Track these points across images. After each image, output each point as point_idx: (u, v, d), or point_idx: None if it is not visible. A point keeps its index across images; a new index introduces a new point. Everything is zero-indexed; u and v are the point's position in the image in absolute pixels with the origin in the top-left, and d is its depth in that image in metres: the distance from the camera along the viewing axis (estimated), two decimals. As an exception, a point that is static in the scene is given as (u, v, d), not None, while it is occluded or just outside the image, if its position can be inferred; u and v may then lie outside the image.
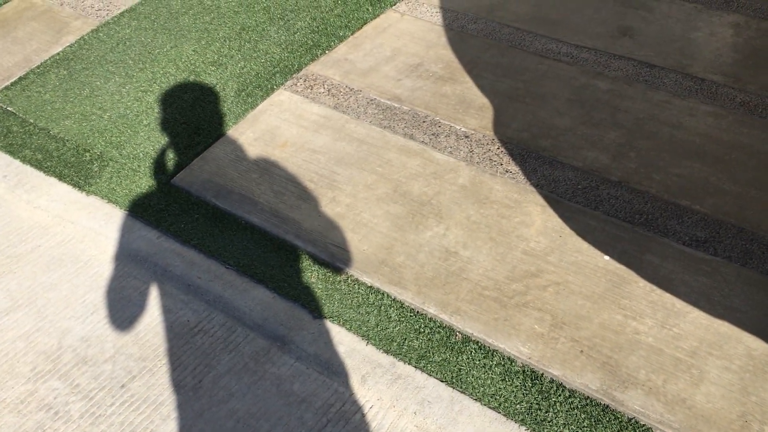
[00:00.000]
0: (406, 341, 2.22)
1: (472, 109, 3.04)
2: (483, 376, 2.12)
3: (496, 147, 2.85)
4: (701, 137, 2.82)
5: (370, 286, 2.37)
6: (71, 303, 2.39)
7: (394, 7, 3.73)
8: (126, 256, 2.51)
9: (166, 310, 2.34)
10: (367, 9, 3.70)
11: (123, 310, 2.35)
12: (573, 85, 3.14)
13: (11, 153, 2.94)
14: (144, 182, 2.77)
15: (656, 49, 3.31)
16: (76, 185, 2.77)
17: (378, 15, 3.67)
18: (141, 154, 2.89)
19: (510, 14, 3.62)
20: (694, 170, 2.68)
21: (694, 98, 3.01)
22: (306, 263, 2.45)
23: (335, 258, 2.45)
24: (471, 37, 3.48)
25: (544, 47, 3.37)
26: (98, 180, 2.79)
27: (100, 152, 2.90)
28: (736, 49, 3.27)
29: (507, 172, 2.74)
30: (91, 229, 2.62)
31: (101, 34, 3.59)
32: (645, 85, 3.11)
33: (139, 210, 2.67)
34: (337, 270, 2.43)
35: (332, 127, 2.99)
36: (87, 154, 2.90)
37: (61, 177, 2.81)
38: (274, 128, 3.00)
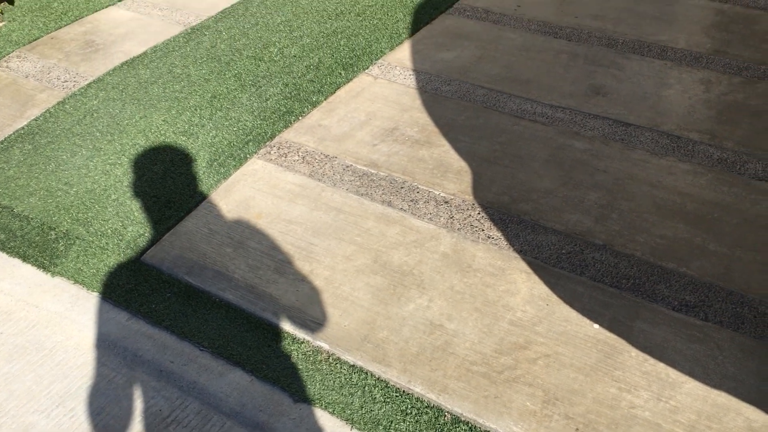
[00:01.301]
0: (393, 424, 2.11)
1: (450, 173, 2.99)
2: (475, 460, 2.01)
3: (477, 212, 2.79)
4: (682, 196, 2.80)
5: (353, 365, 2.26)
6: (35, 395, 2.24)
7: (366, 71, 3.71)
8: (94, 342, 2.38)
9: (137, 400, 2.21)
10: (340, 73, 3.67)
11: (91, 402, 2.21)
12: (550, 145, 3.11)
13: (-28, 233, 2.81)
14: (112, 260, 2.66)
15: (630, 107, 3.31)
16: (41, 266, 2.65)
17: (351, 79, 3.64)
18: (109, 231, 2.78)
19: (482, 75, 3.62)
20: (677, 231, 2.64)
21: (671, 156, 3.00)
22: (285, 342, 2.34)
23: (315, 336, 2.35)
24: (445, 99, 3.46)
25: (519, 108, 3.36)
26: (64, 260, 2.66)
27: (66, 230, 2.79)
28: (709, 106, 3.28)
29: (489, 238, 2.68)
30: (57, 313, 2.49)
31: (68, 106, 3.51)
32: (622, 144, 3.09)
33: (108, 291, 2.55)
34: (318, 348, 2.32)
35: (308, 196, 2.91)
36: (52, 232, 2.78)
37: (24, 258, 2.68)
38: (248, 199, 2.92)
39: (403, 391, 2.19)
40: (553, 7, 4.21)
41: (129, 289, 2.55)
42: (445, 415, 2.12)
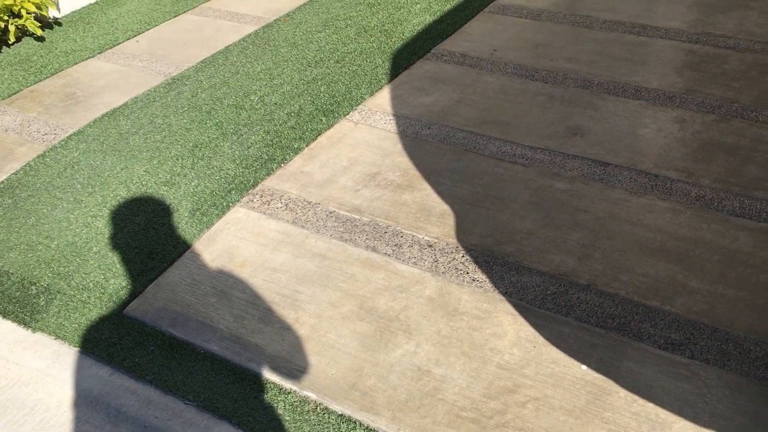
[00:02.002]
0: (383, 474, 2.08)
1: (434, 217, 3.01)
2: None
3: (461, 255, 2.80)
4: (663, 234, 2.83)
5: (341, 414, 2.23)
6: (15, 456, 2.18)
7: (347, 116, 3.75)
8: (76, 398, 2.33)
9: (121, 458, 2.16)
10: (321, 120, 3.70)
11: (73, 461, 2.16)
12: (531, 186, 3.15)
13: (-49, 290, 2.77)
14: (94, 314, 2.62)
15: (607, 147, 3.36)
16: (22, 322, 2.61)
17: (332, 125, 3.67)
18: (91, 285, 2.75)
19: (461, 118, 3.67)
20: (659, 269, 2.67)
21: (650, 195, 3.04)
22: (271, 393, 2.31)
23: (302, 385, 2.32)
24: (426, 142, 3.50)
25: (499, 150, 3.40)
26: (45, 315, 2.63)
27: (47, 284, 2.75)
28: (685, 144, 3.34)
29: (474, 280, 2.68)
30: (38, 370, 2.44)
31: (48, 159, 3.50)
32: (601, 183, 3.13)
33: (90, 345, 2.51)
34: (305, 398, 2.29)
35: (292, 244, 2.91)
36: (33, 287, 2.75)
37: (5, 314, 2.64)
38: (231, 248, 2.91)
39: (393, 440, 2.16)
40: (529, 51, 4.30)
41: (112, 343, 2.51)
42: (435, 464, 2.09)
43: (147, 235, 2.98)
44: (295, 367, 2.38)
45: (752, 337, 2.37)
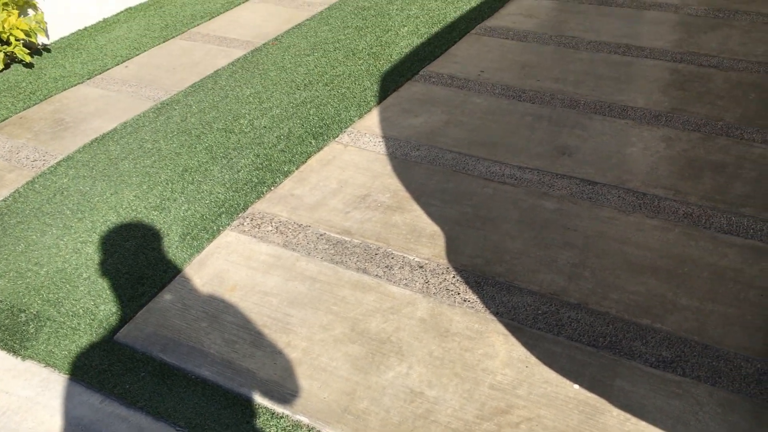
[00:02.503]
0: (377, 498, 2.07)
1: (424, 238, 3.01)
2: None
3: (452, 276, 2.81)
4: (651, 252, 2.85)
5: (334, 439, 2.22)
6: (4, 487, 2.16)
7: (337, 138, 3.77)
8: (66, 427, 2.31)
9: (112, 486, 2.14)
10: (311, 142, 3.72)
11: (63, 491, 2.13)
12: (520, 206, 3.16)
13: (-61, 319, 2.75)
14: (84, 341, 2.60)
15: (595, 166, 3.39)
16: (11, 350, 2.59)
17: (322, 148, 3.69)
18: (81, 311, 2.73)
19: (450, 139, 3.69)
20: (649, 287, 2.68)
21: (639, 213, 3.06)
22: (263, 418, 2.30)
23: (294, 409, 2.31)
24: (415, 164, 3.52)
25: (488, 170, 3.42)
26: (35, 342, 2.61)
27: (37, 312, 2.74)
28: (672, 162, 3.38)
29: (465, 301, 2.69)
30: (28, 398, 2.42)
31: (37, 186, 3.49)
32: (590, 202, 3.15)
33: (80, 372, 2.49)
34: (298, 423, 2.27)
35: (283, 267, 2.91)
36: (22, 314, 2.73)
37: (-7, 342, 2.62)
38: (222, 272, 2.90)
39: (386, 464, 2.15)
40: (516, 72, 4.34)
41: (102, 369, 2.49)
42: (429, 487, 2.08)
43: (137, 260, 2.98)
44: (287, 391, 2.37)
45: (742, 354, 2.38)
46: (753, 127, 3.60)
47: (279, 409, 2.31)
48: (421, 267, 2.86)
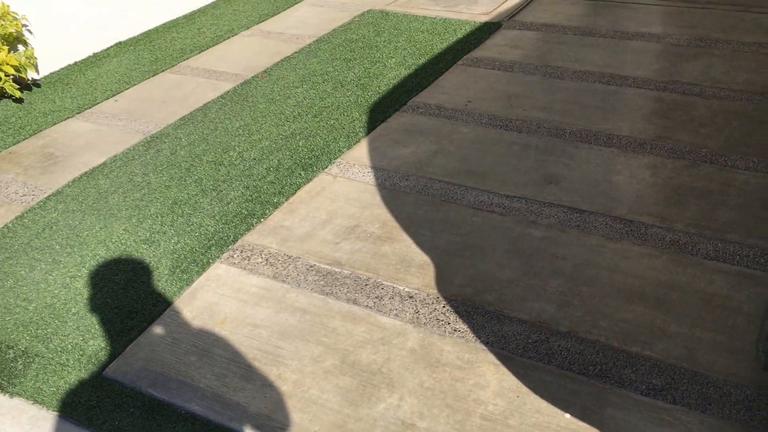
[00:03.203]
0: None
1: (414, 268, 3.02)
2: None
3: (442, 305, 2.82)
4: (639, 279, 2.87)
5: (326, 472, 2.21)
6: None
7: (326, 170, 3.79)
8: (54, 465, 2.29)
9: None
10: (300, 174, 3.74)
11: None
12: (509, 235, 3.18)
13: (-75, 356, 2.72)
14: (73, 377, 2.59)
15: (582, 194, 3.42)
16: (-2, 387, 2.56)
17: (311, 179, 3.71)
18: (69, 346, 2.71)
19: (438, 169, 3.72)
20: (638, 314, 2.70)
21: (626, 240, 3.09)
22: (254, 452, 2.28)
23: (285, 443, 2.30)
24: (404, 194, 3.54)
25: (476, 199, 3.45)
26: (23, 379, 2.59)
27: (25, 348, 2.72)
28: (657, 189, 3.41)
29: (455, 331, 2.69)
30: (15, 436, 2.39)
31: (26, 221, 3.49)
32: (578, 230, 3.18)
33: (69, 409, 2.47)
34: (289, 457, 2.26)
35: (273, 299, 2.91)
36: (10, 351, 2.71)
37: (-19, 379, 2.60)
38: (212, 305, 2.90)
39: (378, 497, 2.13)
40: (502, 102, 4.39)
41: (91, 405, 2.47)
42: None
43: (126, 295, 2.97)
44: (278, 425, 2.35)
45: (732, 380, 2.39)
46: (736, 154, 3.65)
47: (270, 443, 2.30)
48: (411, 297, 2.87)
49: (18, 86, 4.75)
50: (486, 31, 5.50)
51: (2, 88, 4.66)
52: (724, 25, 5.27)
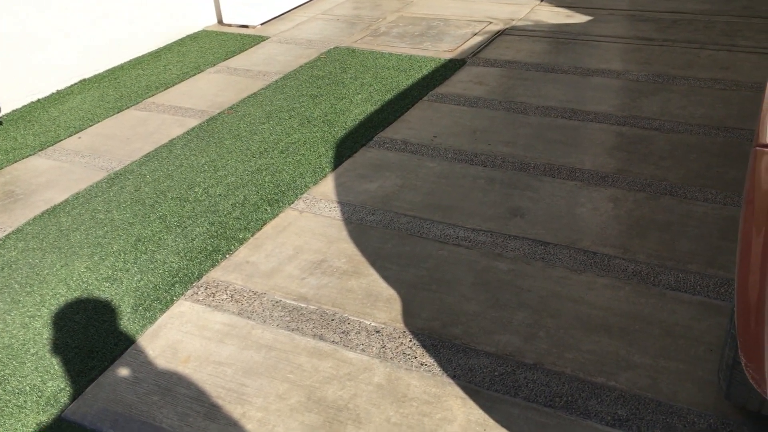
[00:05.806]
0: None
1: (380, 302, 3.02)
2: None
3: (408, 339, 2.81)
4: (603, 310, 2.90)
5: None
6: None
7: (292, 205, 3.78)
8: None
9: None
10: (266, 209, 3.73)
11: None
12: (475, 268, 3.20)
13: None
14: (31, 420, 2.51)
15: (547, 227, 3.46)
16: (-49, 432, 2.48)
17: (277, 214, 3.70)
18: (27, 388, 2.64)
19: (405, 203, 3.74)
20: (602, 345, 2.72)
21: (590, 272, 3.12)
22: (218, 494, 2.23)
23: (250, 484, 2.25)
24: (370, 228, 3.54)
25: (442, 233, 3.47)
26: (-23, 423, 2.50)
27: (-19, 390, 2.64)
28: (619, 221, 3.47)
29: (422, 365, 2.68)
30: (-32, 483, 2.31)
31: (-16, 259, 3.42)
32: (543, 262, 3.21)
33: (25, 453, 2.39)
34: (253, 498, 2.21)
35: (238, 335, 2.87)
36: (-35, 394, 2.63)
37: (-67, 424, 2.51)
38: (175, 343, 2.85)
39: None
40: (467, 137, 4.45)
41: (48, 449, 2.40)
42: None
43: (87, 334, 2.91)
44: (242, 465, 2.31)
45: (695, 409, 2.41)
46: (695, 187, 3.73)
47: (234, 484, 2.25)
48: (378, 332, 2.86)
49: (-21, 123, 4.69)
50: (451, 67, 5.59)
51: (-38, 125, 4.60)
52: (681, 62, 5.44)
